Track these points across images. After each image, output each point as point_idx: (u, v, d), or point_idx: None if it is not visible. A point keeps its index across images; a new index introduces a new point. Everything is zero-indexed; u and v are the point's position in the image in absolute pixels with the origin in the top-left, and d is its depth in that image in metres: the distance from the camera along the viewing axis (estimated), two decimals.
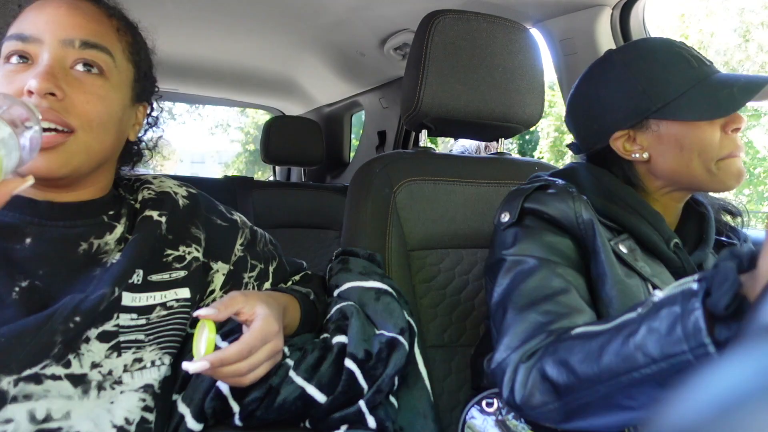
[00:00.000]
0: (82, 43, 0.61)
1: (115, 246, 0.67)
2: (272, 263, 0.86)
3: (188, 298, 0.70)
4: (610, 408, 0.56)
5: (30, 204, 0.62)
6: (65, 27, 0.61)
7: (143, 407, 0.63)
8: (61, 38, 0.60)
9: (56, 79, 0.58)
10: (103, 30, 0.64)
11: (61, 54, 0.60)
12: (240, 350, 0.60)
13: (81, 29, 0.62)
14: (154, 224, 0.70)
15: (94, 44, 0.62)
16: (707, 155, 0.72)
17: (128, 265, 0.65)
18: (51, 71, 0.58)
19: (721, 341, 0.46)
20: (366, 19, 1.67)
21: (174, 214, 0.73)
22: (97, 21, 0.64)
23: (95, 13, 0.64)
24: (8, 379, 0.54)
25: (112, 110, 0.64)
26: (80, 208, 0.65)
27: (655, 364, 0.50)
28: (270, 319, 0.63)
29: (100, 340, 0.61)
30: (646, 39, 0.79)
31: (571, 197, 0.75)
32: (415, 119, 1.05)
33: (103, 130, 0.63)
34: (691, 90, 0.71)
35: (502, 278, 0.74)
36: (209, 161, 21.45)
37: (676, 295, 0.50)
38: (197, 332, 0.62)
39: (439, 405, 0.94)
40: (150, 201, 0.72)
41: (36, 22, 0.61)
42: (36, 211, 0.62)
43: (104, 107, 0.62)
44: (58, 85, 0.58)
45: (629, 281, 0.71)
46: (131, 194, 0.74)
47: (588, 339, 0.58)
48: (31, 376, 0.55)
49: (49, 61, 0.59)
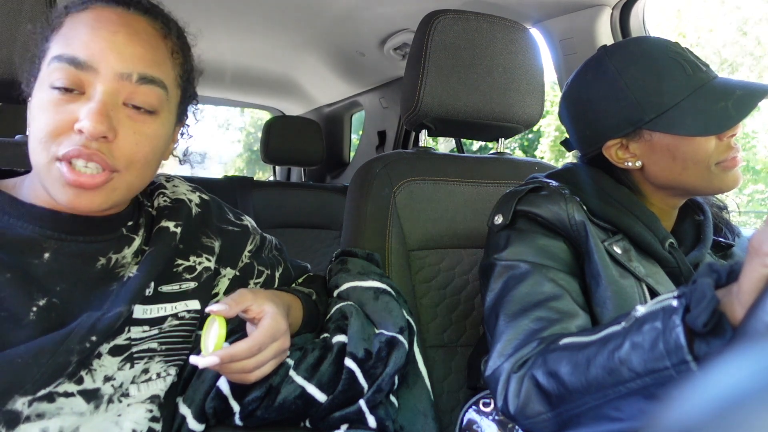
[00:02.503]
0: (140, 78, 0.58)
1: (132, 259, 0.65)
2: (278, 269, 0.86)
3: (198, 310, 0.70)
4: (599, 419, 0.57)
5: (52, 216, 0.60)
6: (124, 57, 0.57)
7: (150, 418, 0.63)
8: (118, 71, 0.57)
9: (109, 119, 0.55)
10: (160, 60, 0.61)
11: (116, 88, 0.57)
12: (250, 347, 0.60)
13: (140, 61, 0.58)
14: (170, 236, 0.68)
15: (152, 79, 0.59)
16: (702, 164, 0.71)
17: (144, 280, 0.63)
18: (104, 110, 0.55)
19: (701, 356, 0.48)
20: (366, 19, 1.67)
21: (188, 224, 0.72)
22: (155, 48, 0.60)
23: (152, 37, 0.60)
24: (23, 399, 0.53)
25: (157, 148, 0.62)
26: (102, 223, 0.63)
27: (640, 379, 0.51)
28: (279, 317, 0.63)
29: (112, 354, 0.60)
30: (639, 40, 0.78)
31: (563, 199, 0.75)
32: (415, 119, 1.05)
33: (146, 167, 0.61)
34: (684, 101, 0.70)
35: (494, 283, 0.75)
36: (209, 161, 21.45)
37: (657, 311, 0.52)
38: (206, 327, 0.62)
39: (439, 405, 0.94)
40: (166, 210, 0.71)
41: (92, 46, 0.56)
42: (57, 224, 0.60)
43: (151, 147, 0.60)
44: (111, 127, 0.55)
45: (623, 282, 0.71)
46: (147, 199, 0.73)
47: (575, 350, 0.59)
48: (45, 395, 0.54)
49: (103, 97, 0.55)
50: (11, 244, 0.57)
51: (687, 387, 0.22)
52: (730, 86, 0.70)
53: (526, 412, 0.62)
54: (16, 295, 0.55)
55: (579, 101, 0.81)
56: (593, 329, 0.61)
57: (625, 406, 0.54)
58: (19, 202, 0.60)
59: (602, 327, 0.59)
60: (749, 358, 0.22)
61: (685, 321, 0.49)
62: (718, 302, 0.47)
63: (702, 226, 0.81)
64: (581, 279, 0.74)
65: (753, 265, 0.44)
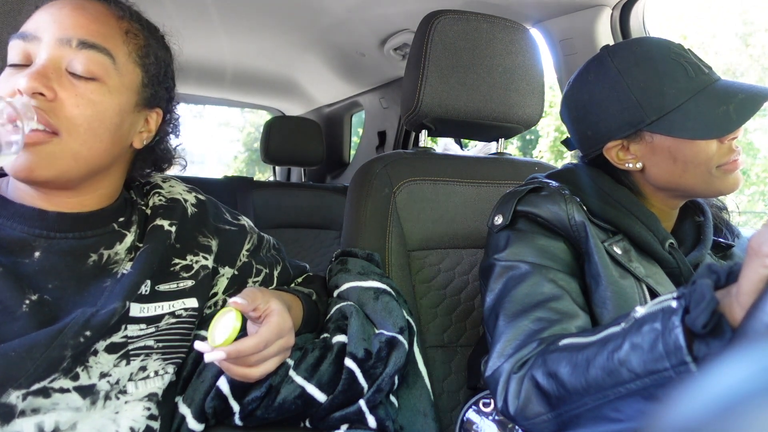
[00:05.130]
0: (80, 43, 0.59)
1: (125, 255, 0.66)
2: (276, 268, 0.86)
3: (196, 308, 0.70)
4: (599, 420, 0.57)
5: (39, 215, 0.60)
6: (65, 26, 0.59)
7: (148, 416, 0.63)
8: (58, 37, 0.59)
9: (47, 80, 0.57)
10: (105, 31, 0.62)
11: (57, 54, 0.59)
12: (257, 344, 0.60)
13: (80, 29, 0.60)
14: (164, 234, 0.69)
15: (92, 44, 0.60)
16: (702, 167, 0.71)
17: (139, 277, 0.64)
18: (43, 71, 0.57)
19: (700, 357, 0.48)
20: (366, 19, 1.67)
21: (183, 223, 0.72)
22: (100, 21, 0.62)
23: (101, 14, 0.62)
24: (17, 393, 0.53)
25: (104, 116, 0.61)
26: (89, 218, 0.64)
27: (639, 380, 0.51)
28: (285, 314, 0.64)
29: (108, 351, 0.61)
30: (642, 41, 0.77)
31: (563, 199, 0.75)
32: (415, 119, 1.05)
33: (91, 135, 0.60)
34: (686, 103, 0.70)
35: (494, 283, 0.75)
36: (209, 161, 21.47)
37: (657, 312, 0.52)
38: (218, 317, 0.61)
39: (439, 405, 0.94)
40: (161, 208, 0.71)
41: (38, 20, 0.60)
42: (45, 222, 0.60)
43: (94, 112, 0.60)
44: (49, 86, 0.57)
45: (623, 282, 0.71)
46: (142, 198, 0.73)
47: (575, 351, 0.59)
48: (40, 390, 0.55)
49: (43, 61, 0.58)
50: (1, 246, 0.58)
51: (686, 388, 0.22)
52: (732, 89, 0.70)
53: (526, 413, 0.62)
54: (7, 288, 0.55)
55: (580, 101, 0.81)
56: (593, 330, 0.61)
57: (624, 407, 0.54)
58: (8, 201, 0.61)
59: (602, 328, 0.59)
60: (749, 359, 0.22)
61: (684, 322, 0.49)
62: (717, 303, 0.47)
63: (702, 226, 0.81)
64: (581, 279, 0.74)
65: (752, 266, 0.44)
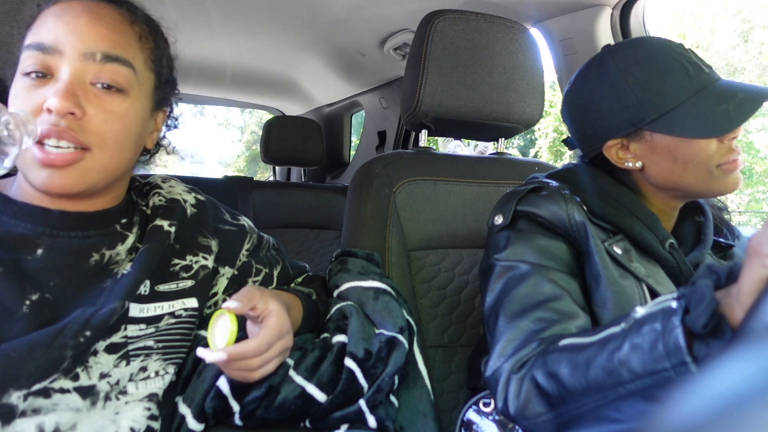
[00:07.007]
0: (104, 57, 0.59)
1: (126, 256, 0.66)
2: (276, 267, 0.86)
3: (196, 308, 0.70)
4: (599, 420, 0.57)
5: (43, 213, 0.60)
6: (86, 38, 0.59)
7: (149, 416, 0.63)
8: (82, 51, 0.58)
9: (76, 97, 0.57)
10: (124, 41, 0.62)
11: (82, 68, 0.59)
12: (258, 345, 0.60)
13: (102, 41, 0.60)
14: (163, 234, 0.69)
15: (116, 57, 0.60)
16: (702, 166, 0.71)
17: (138, 277, 0.64)
18: (71, 89, 0.57)
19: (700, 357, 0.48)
20: (366, 19, 1.67)
21: (183, 223, 0.72)
22: (119, 30, 0.62)
23: (117, 21, 0.62)
24: (18, 393, 0.53)
25: (130, 128, 0.62)
26: (93, 218, 0.64)
27: (640, 380, 0.52)
28: (284, 315, 0.64)
29: (108, 352, 0.61)
30: (643, 40, 0.78)
31: (563, 199, 0.75)
32: (415, 119, 1.05)
33: (119, 147, 0.61)
34: (686, 102, 0.70)
35: (494, 283, 0.75)
36: (209, 161, 21.47)
37: (657, 312, 0.52)
38: (214, 321, 0.61)
39: (439, 405, 0.94)
40: (161, 209, 0.71)
41: (55, 31, 0.59)
42: (48, 221, 0.60)
43: (122, 126, 0.61)
44: (78, 104, 0.57)
45: (624, 282, 0.71)
46: (142, 199, 0.73)
47: (575, 351, 0.59)
48: (41, 390, 0.55)
49: (69, 77, 0.58)
50: (4, 241, 0.58)
51: (687, 388, 0.22)
52: (732, 89, 0.70)
53: (526, 413, 0.62)
54: (8, 289, 0.55)
55: (581, 100, 0.81)
56: (593, 330, 0.61)
57: (624, 407, 0.54)
58: (12, 200, 0.61)
59: (602, 328, 0.59)
60: (749, 360, 0.22)
61: (684, 322, 0.49)
62: (717, 304, 0.47)
63: (702, 226, 0.81)
64: (581, 279, 0.74)
65: (752, 266, 0.44)
